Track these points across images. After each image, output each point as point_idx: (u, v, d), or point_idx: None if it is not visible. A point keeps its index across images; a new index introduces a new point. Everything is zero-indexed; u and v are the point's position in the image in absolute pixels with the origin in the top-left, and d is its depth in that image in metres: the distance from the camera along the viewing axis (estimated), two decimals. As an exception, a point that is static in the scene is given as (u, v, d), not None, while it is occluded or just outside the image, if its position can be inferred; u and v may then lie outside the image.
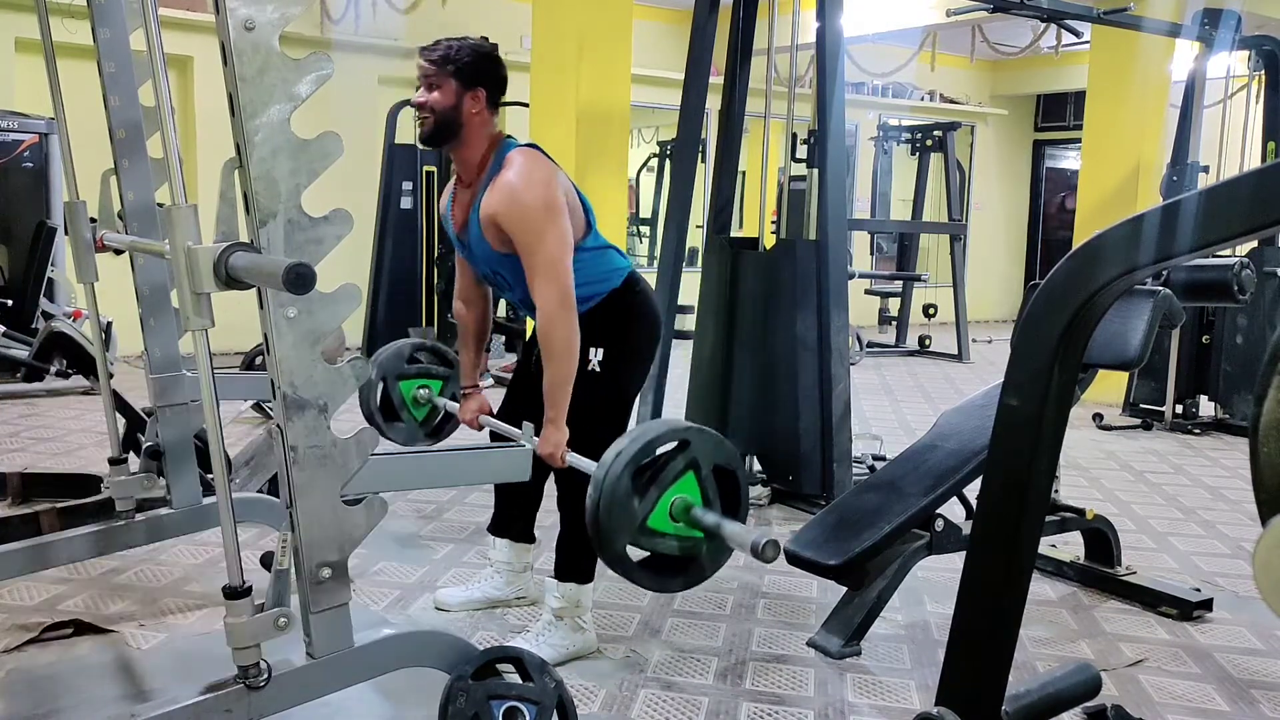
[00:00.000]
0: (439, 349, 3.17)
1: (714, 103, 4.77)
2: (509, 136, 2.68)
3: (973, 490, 2.06)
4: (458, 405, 3.01)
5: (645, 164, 11.81)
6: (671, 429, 2.04)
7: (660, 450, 2.01)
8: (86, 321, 6.18)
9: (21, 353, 6.18)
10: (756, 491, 4.37)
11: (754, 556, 1.86)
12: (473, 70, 2.57)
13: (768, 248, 4.57)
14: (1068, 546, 3.56)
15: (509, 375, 3.76)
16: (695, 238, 7.49)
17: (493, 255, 2.64)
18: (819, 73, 4.22)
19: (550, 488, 2.88)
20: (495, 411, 3.04)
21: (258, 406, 5.55)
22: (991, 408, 1.57)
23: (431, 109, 2.58)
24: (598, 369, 2.70)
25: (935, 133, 9.92)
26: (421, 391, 3.09)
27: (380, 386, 3.07)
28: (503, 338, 8.17)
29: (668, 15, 10.43)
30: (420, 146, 2.78)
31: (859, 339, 9.15)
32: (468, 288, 2.95)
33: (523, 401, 2.93)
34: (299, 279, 1.58)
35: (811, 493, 4.25)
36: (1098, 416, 6.36)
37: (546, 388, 2.55)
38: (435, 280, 7.58)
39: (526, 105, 6.58)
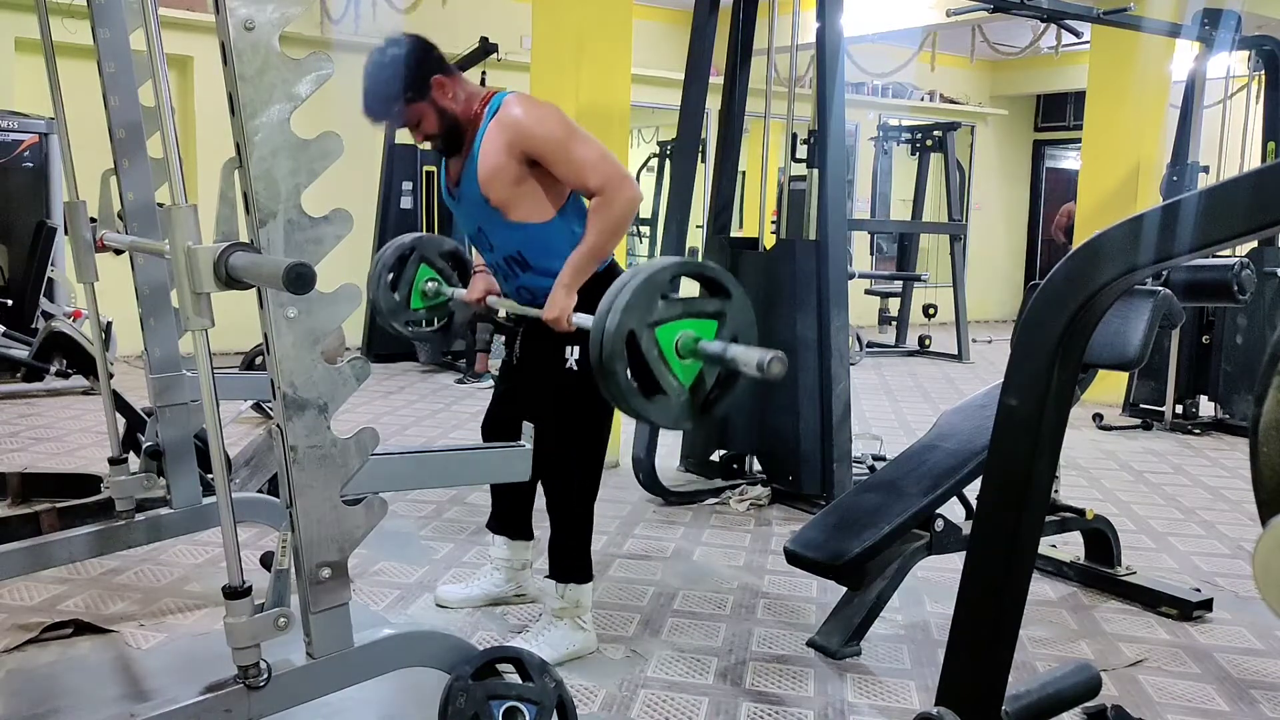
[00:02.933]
0: (461, 258, 3.12)
1: (714, 103, 4.77)
2: (499, 90, 2.66)
3: (973, 490, 2.06)
4: (465, 291, 2.96)
5: (645, 164, 11.81)
6: (695, 268, 2.00)
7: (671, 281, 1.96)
8: (86, 321, 6.18)
9: (21, 353, 6.18)
10: (756, 491, 4.37)
11: (759, 373, 1.82)
12: (414, 80, 2.54)
13: (768, 248, 4.57)
14: (1068, 546, 3.56)
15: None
16: (695, 238, 7.49)
17: (481, 208, 2.61)
18: (819, 73, 4.22)
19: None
20: (484, 416, 3.03)
21: (258, 406, 5.55)
22: (991, 408, 1.57)
23: (432, 136, 2.59)
24: (575, 368, 2.66)
25: (935, 133, 9.91)
26: (430, 284, 3.05)
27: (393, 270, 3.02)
28: (502, 337, 8.18)
29: (668, 15, 10.43)
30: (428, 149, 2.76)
31: (859, 339, 9.15)
32: None
33: (512, 401, 2.93)
34: (299, 279, 1.58)
35: (811, 493, 4.25)
36: (1098, 416, 6.36)
37: (578, 252, 2.51)
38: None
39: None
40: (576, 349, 2.65)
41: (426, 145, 2.69)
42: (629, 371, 1.91)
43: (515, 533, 3.08)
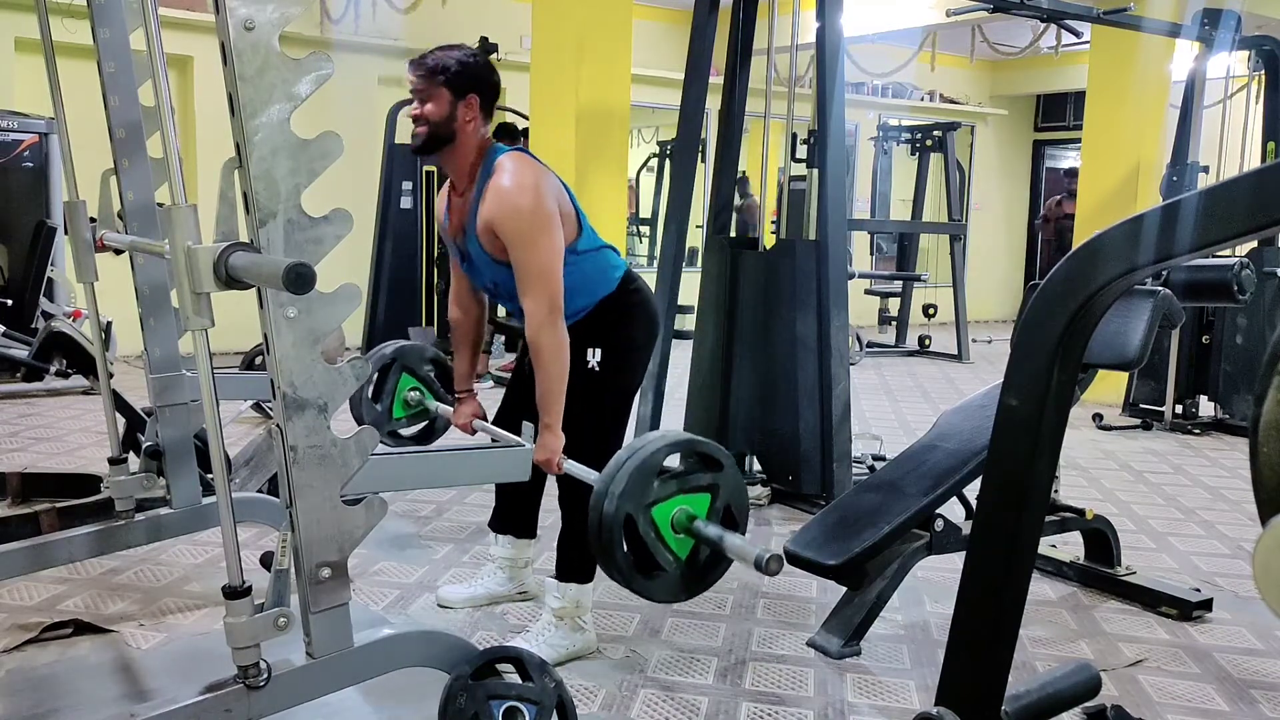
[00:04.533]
0: (443, 365, 3.16)
1: (714, 103, 4.77)
2: (497, 142, 2.67)
3: (973, 490, 2.06)
4: (450, 410, 3.01)
5: (645, 164, 11.81)
6: (687, 444, 2.04)
7: (668, 461, 2.01)
8: (86, 321, 6.18)
9: (21, 353, 6.17)
10: (756, 491, 4.37)
11: (758, 570, 1.87)
12: (464, 78, 2.56)
13: (768, 248, 4.57)
14: (1068, 546, 3.56)
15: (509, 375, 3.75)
16: (695, 238, 7.49)
17: (492, 266, 2.64)
18: (819, 73, 4.22)
19: (551, 485, 2.87)
20: (494, 414, 3.04)
21: (258, 406, 5.55)
22: (991, 408, 1.57)
23: (427, 120, 2.58)
24: (597, 369, 2.70)
25: (935, 133, 9.91)
26: (412, 394, 3.08)
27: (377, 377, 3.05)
28: (503, 338, 8.18)
29: (668, 15, 10.43)
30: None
31: (859, 339, 9.15)
32: (463, 293, 2.95)
33: (521, 403, 2.94)
34: (299, 279, 1.58)
35: (811, 493, 4.25)
36: (1098, 416, 6.36)
37: (539, 396, 2.55)
38: (435, 280, 7.58)
39: (523, 115, 6.57)
40: (599, 350, 2.69)
41: (413, 131, 2.68)
42: (625, 549, 1.98)
43: (519, 531, 3.09)
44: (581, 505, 2.77)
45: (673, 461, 2.04)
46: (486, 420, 2.93)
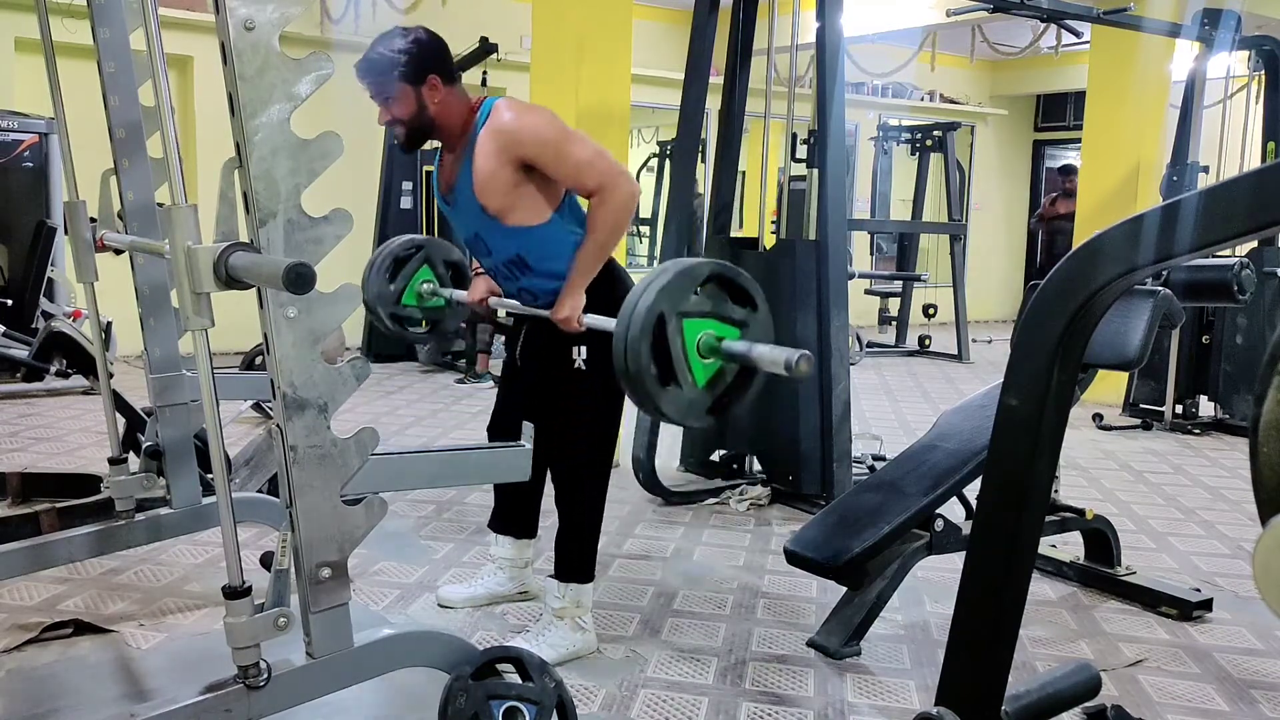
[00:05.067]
0: (462, 268, 3.11)
1: (714, 103, 4.77)
2: (489, 96, 2.65)
3: (973, 490, 2.06)
4: (465, 294, 2.95)
5: (645, 164, 11.81)
6: (731, 273, 1.99)
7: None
8: (86, 321, 6.18)
9: (21, 353, 6.18)
10: (756, 491, 4.37)
11: (787, 372, 1.82)
12: (415, 64, 2.52)
13: (768, 248, 4.56)
14: (1068, 546, 3.56)
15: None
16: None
17: (478, 215, 2.61)
18: (819, 73, 4.22)
19: (552, 485, 2.88)
20: (490, 417, 3.04)
21: (258, 406, 5.55)
22: (991, 408, 1.57)
23: (399, 121, 2.57)
24: (583, 367, 2.67)
25: (935, 133, 9.91)
26: (425, 286, 3.04)
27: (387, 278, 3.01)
28: (503, 338, 8.17)
29: (668, 15, 10.43)
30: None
31: (859, 339, 9.15)
32: None
33: (517, 402, 2.94)
34: (299, 279, 1.58)
35: (811, 493, 4.25)
36: (1098, 416, 6.36)
37: (583, 252, 2.52)
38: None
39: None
40: (584, 349, 2.66)
41: (393, 134, 2.66)
42: (650, 348, 1.91)
43: (519, 531, 3.09)
44: (579, 504, 2.79)
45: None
46: (500, 295, 2.86)
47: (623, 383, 1.95)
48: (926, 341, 9.76)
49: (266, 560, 3.06)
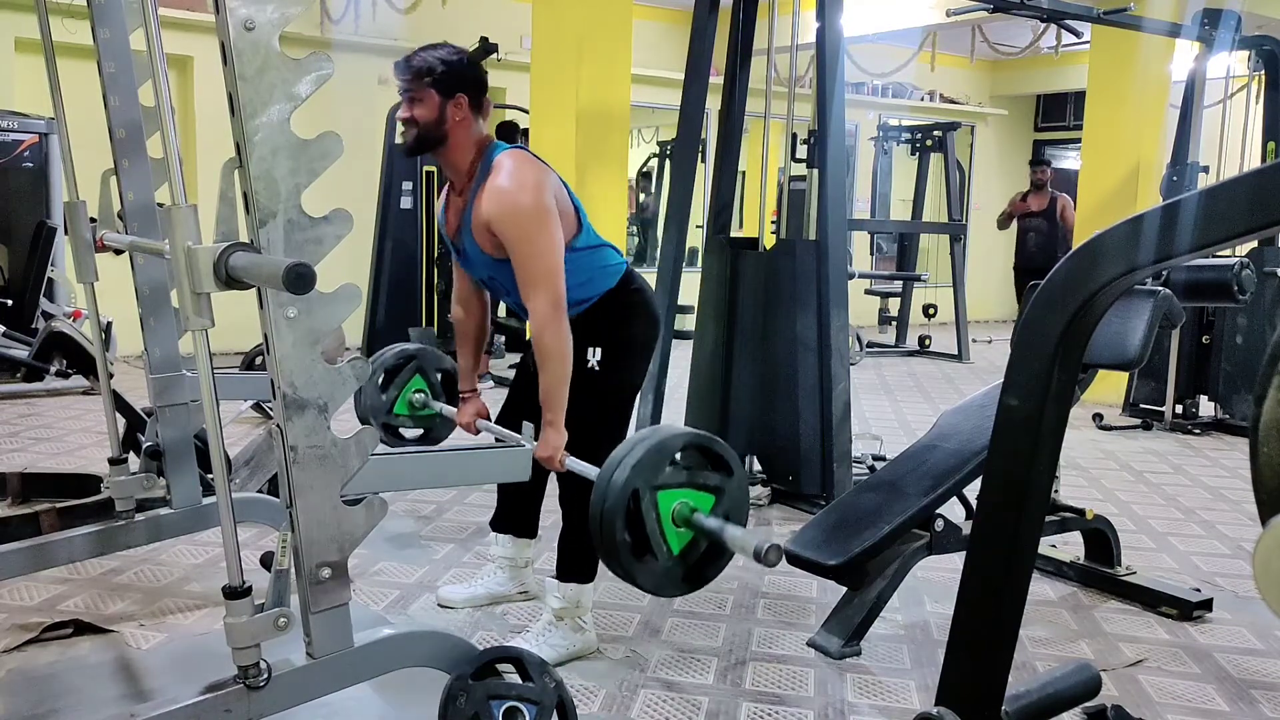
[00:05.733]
0: (453, 375, 3.15)
1: (714, 103, 4.77)
2: (496, 140, 2.67)
3: (973, 490, 2.06)
4: (455, 410, 3.01)
5: (645, 164, 11.81)
6: (706, 442, 2.02)
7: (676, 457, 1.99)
8: (86, 321, 6.18)
9: (21, 353, 6.18)
10: (756, 491, 4.37)
11: (757, 561, 1.86)
12: (450, 78, 2.54)
13: (768, 248, 4.57)
14: (1068, 546, 3.56)
15: (513, 374, 3.75)
16: (695, 238, 7.50)
17: (488, 261, 2.64)
18: (819, 73, 4.22)
19: (552, 485, 2.88)
20: (498, 413, 3.04)
21: (258, 406, 5.55)
22: (991, 408, 1.57)
23: (415, 122, 2.57)
24: (597, 368, 2.70)
25: (935, 133, 9.91)
26: (417, 396, 3.09)
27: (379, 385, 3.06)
28: (503, 337, 8.18)
29: (668, 15, 10.43)
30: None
31: (859, 339, 9.15)
32: (465, 292, 2.95)
33: (524, 402, 2.94)
34: (299, 279, 1.58)
35: (811, 493, 4.25)
36: (1098, 416, 6.36)
37: (542, 392, 2.55)
38: (435, 280, 7.58)
39: (526, 111, 6.56)
40: (599, 350, 2.69)
41: (401, 133, 2.68)
42: (624, 524, 1.94)
43: (520, 530, 3.09)
44: (582, 505, 2.78)
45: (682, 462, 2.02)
46: (490, 420, 2.93)
47: (599, 553, 1.98)
48: (926, 341, 9.76)
49: (266, 560, 3.06)
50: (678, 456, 1.98)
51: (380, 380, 3.05)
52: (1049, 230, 9.12)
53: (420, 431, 3.17)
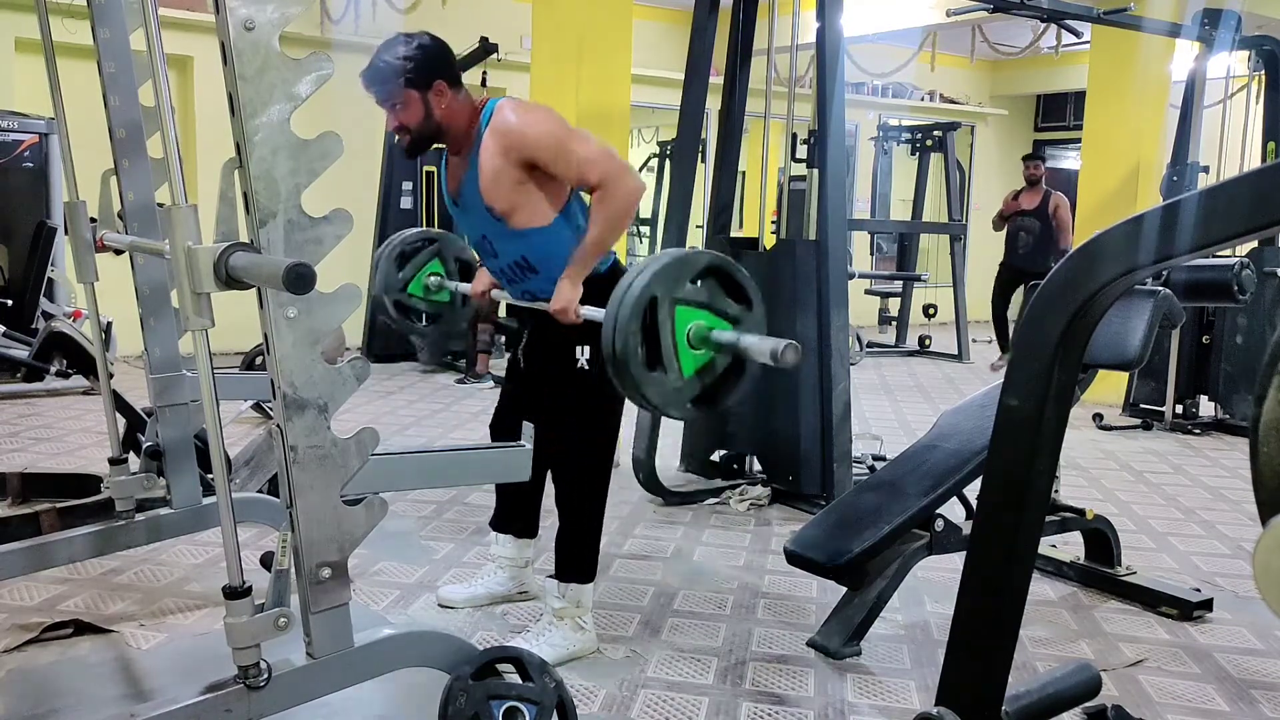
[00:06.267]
0: (471, 265, 3.12)
1: (714, 103, 4.77)
2: (490, 98, 2.65)
3: (973, 490, 2.06)
4: (469, 286, 2.97)
5: (645, 164, 11.81)
6: (729, 268, 1.98)
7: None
8: (86, 321, 6.18)
9: (21, 353, 6.18)
10: (756, 491, 4.37)
11: (774, 362, 1.81)
12: (421, 70, 2.52)
13: (768, 248, 4.56)
14: (1068, 546, 3.56)
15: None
16: (695, 237, 7.49)
17: (484, 217, 2.62)
18: (819, 73, 4.22)
19: (552, 485, 2.88)
20: (492, 416, 3.04)
21: (258, 406, 5.55)
22: (991, 408, 1.57)
23: (407, 128, 2.57)
24: (585, 366, 2.67)
25: (935, 133, 9.91)
26: (433, 279, 3.05)
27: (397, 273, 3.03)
28: (503, 337, 8.17)
29: (668, 15, 10.43)
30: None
31: (859, 339, 9.14)
32: None
33: (519, 401, 2.94)
34: (299, 279, 1.58)
35: (811, 493, 4.25)
36: (1098, 416, 6.36)
37: (588, 239, 2.51)
38: (435, 280, 7.58)
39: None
40: (587, 349, 2.67)
41: (397, 139, 2.67)
42: (639, 331, 1.90)
43: (520, 530, 3.09)
44: (580, 504, 2.78)
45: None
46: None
47: (608, 364, 1.93)
48: (926, 341, 9.76)
49: (266, 560, 3.06)
50: (699, 277, 1.93)
51: (397, 258, 3.01)
52: (1041, 230, 8.57)
53: (432, 314, 3.12)
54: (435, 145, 2.68)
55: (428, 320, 3.14)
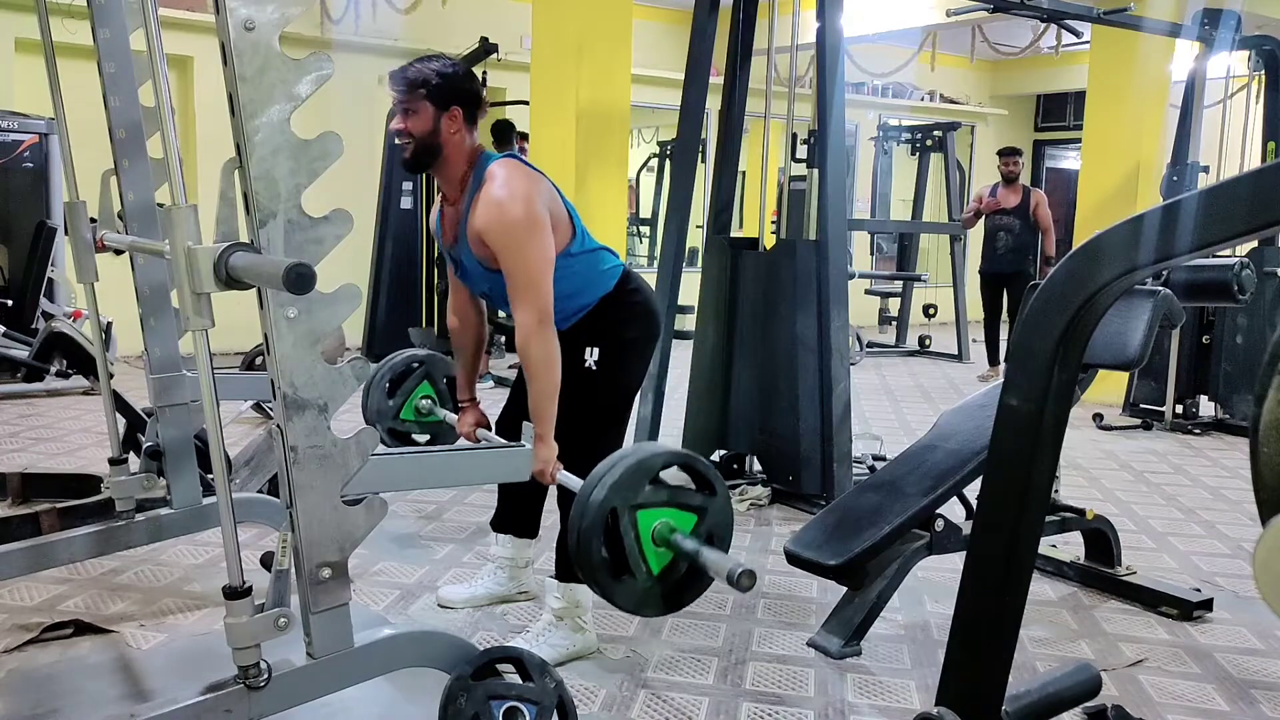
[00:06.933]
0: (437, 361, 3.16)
1: (714, 103, 4.77)
2: (486, 151, 2.66)
3: (973, 490, 2.06)
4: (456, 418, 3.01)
5: (645, 164, 11.82)
6: (686, 460, 2.01)
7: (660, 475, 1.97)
8: (86, 321, 6.18)
9: (21, 353, 6.18)
10: (757, 491, 4.37)
11: (730, 585, 1.82)
12: (445, 90, 2.53)
13: (768, 248, 4.57)
14: (1068, 546, 3.55)
15: (513, 374, 3.75)
16: (695, 238, 7.50)
17: (485, 274, 2.64)
18: (819, 73, 4.22)
19: (553, 486, 2.87)
20: (499, 414, 3.04)
21: (258, 406, 5.55)
22: (991, 408, 1.57)
23: (411, 134, 2.57)
24: (594, 367, 2.69)
25: (935, 133, 9.92)
26: (424, 402, 3.09)
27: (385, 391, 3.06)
28: (503, 338, 8.18)
29: (668, 15, 10.44)
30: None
31: (859, 339, 9.15)
32: (462, 303, 2.94)
33: (524, 406, 2.94)
34: (299, 279, 1.58)
35: (811, 493, 4.25)
36: (1098, 416, 6.36)
37: (531, 406, 2.53)
38: (435, 280, 7.58)
39: (526, 103, 6.56)
40: (596, 350, 2.69)
41: (400, 147, 2.67)
42: (603, 548, 1.92)
43: (520, 531, 3.09)
44: None
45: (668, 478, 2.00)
46: (490, 429, 2.93)
47: (579, 571, 1.96)
48: (926, 341, 9.77)
49: (267, 560, 3.07)
50: (657, 480, 1.95)
51: (387, 385, 3.05)
52: (1021, 231, 7.94)
53: (426, 437, 3.17)
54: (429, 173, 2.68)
55: (423, 441, 3.19)
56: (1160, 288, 3.19)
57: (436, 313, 7.67)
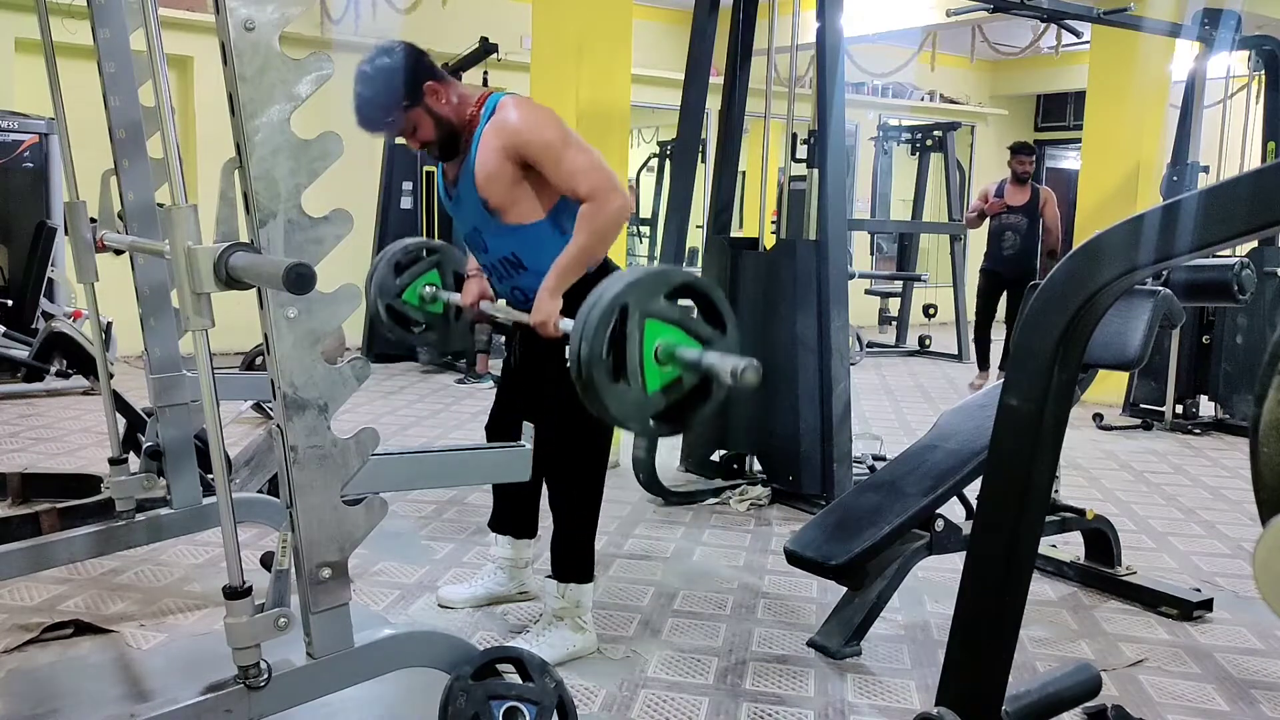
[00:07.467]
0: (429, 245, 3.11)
1: (714, 103, 4.77)
2: (494, 91, 2.66)
3: (973, 490, 2.06)
4: (459, 296, 2.96)
5: (645, 164, 11.82)
6: (707, 289, 1.97)
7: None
8: (86, 321, 6.18)
9: (21, 353, 6.19)
10: (756, 491, 4.37)
11: (733, 380, 1.80)
12: (410, 86, 2.52)
13: (768, 248, 4.57)
14: (1068, 546, 3.55)
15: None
16: (695, 238, 7.49)
17: (478, 210, 2.62)
18: (819, 73, 4.22)
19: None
20: (488, 419, 3.04)
21: (258, 406, 5.55)
22: (991, 408, 1.57)
23: (429, 141, 2.58)
24: None
25: (935, 133, 9.92)
26: (429, 289, 3.04)
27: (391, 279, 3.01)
28: (503, 338, 8.18)
29: (668, 15, 10.43)
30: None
31: (859, 339, 9.15)
32: None
33: (515, 402, 2.94)
34: (299, 279, 1.58)
35: (811, 493, 4.25)
36: (1098, 416, 6.36)
37: (563, 257, 2.50)
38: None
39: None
40: None
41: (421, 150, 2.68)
42: (607, 342, 1.88)
43: (518, 531, 3.09)
44: (576, 504, 2.78)
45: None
46: (494, 300, 2.87)
47: (571, 368, 1.91)
48: (926, 341, 9.76)
49: (267, 560, 3.07)
50: (675, 294, 1.92)
51: (395, 264, 3.00)
52: (1029, 230, 7.61)
53: (422, 326, 3.10)
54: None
55: (419, 329, 3.13)
56: (1160, 288, 3.19)
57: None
